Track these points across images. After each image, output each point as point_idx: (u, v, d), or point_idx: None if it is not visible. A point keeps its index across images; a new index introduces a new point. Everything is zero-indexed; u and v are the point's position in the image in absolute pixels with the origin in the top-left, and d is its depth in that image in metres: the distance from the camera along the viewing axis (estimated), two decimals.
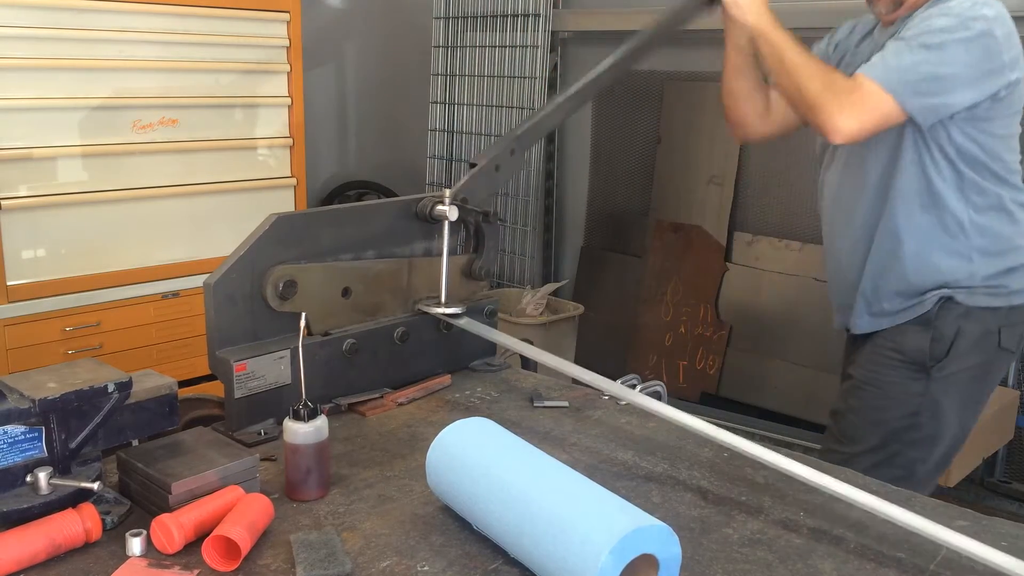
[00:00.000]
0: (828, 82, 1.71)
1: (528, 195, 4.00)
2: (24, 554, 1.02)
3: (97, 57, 2.70)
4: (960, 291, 1.79)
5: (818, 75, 1.72)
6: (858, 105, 1.67)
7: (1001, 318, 1.81)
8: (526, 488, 1.05)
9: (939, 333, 1.80)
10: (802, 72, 1.72)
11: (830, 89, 1.69)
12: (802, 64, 1.73)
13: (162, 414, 1.23)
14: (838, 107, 1.67)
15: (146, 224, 2.90)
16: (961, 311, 1.79)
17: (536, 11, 3.85)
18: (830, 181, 1.96)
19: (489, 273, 1.79)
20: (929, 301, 1.80)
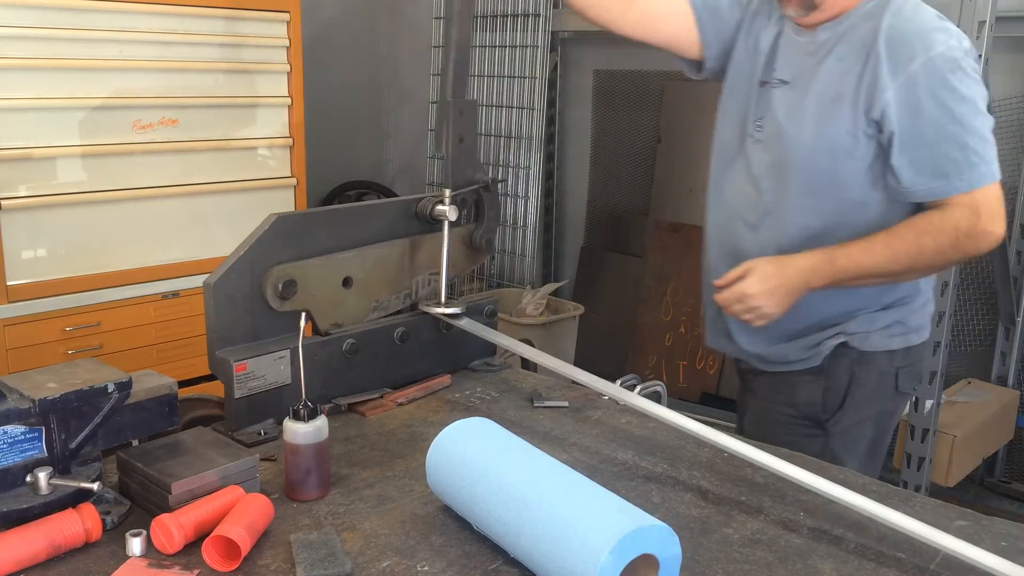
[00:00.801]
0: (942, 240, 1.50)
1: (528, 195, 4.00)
2: (24, 554, 1.02)
3: (97, 57, 2.70)
4: (855, 336, 1.65)
5: (929, 243, 1.50)
6: (986, 222, 1.49)
7: (898, 360, 1.68)
8: (526, 488, 1.05)
9: (832, 382, 1.67)
10: (916, 258, 1.52)
11: (955, 244, 1.49)
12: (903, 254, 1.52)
13: (162, 414, 1.23)
14: (974, 244, 1.50)
15: (146, 224, 2.90)
16: (854, 356, 1.66)
17: (536, 11, 3.85)
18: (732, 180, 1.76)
19: (491, 242, 1.79)
20: (825, 348, 1.66)
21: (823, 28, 1.62)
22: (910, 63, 1.49)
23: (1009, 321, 3.09)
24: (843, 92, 1.55)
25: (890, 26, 1.52)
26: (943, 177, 1.50)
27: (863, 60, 1.54)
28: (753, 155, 1.70)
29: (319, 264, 1.50)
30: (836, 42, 1.59)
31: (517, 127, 3.98)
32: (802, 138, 1.60)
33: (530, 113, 3.92)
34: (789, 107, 1.63)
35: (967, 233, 1.49)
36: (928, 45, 1.49)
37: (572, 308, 3.78)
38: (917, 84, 1.48)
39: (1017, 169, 3.02)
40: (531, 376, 1.73)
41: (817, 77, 1.60)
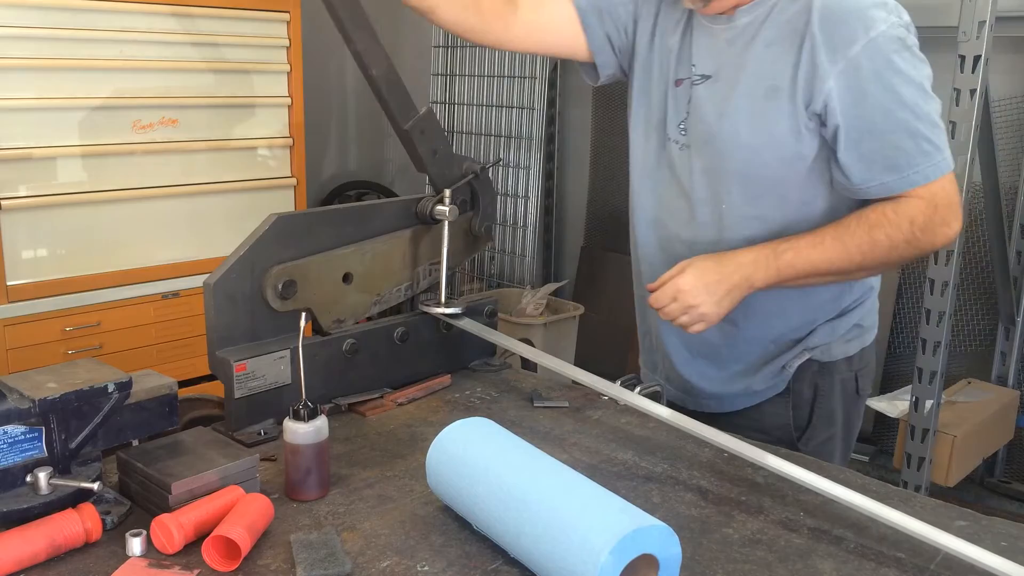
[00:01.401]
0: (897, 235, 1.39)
1: (528, 195, 4.00)
2: (24, 554, 1.02)
3: (97, 57, 2.71)
4: (818, 349, 1.56)
5: (882, 238, 1.39)
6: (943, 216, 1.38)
7: (855, 364, 1.61)
8: (526, 488, 1.05)
9: (797, 399, 1.58)
10: (868, 254, 1.40)
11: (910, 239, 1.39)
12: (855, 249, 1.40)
13: (162, 414, 1.23)
14: (930, 239, 1.39)
15: (146, 224, 2.90)
16: (816, 368, 1.57)
17: None
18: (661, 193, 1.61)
19: (490, 229, 1.78)
20: (790, 369, 1.56)
21: (741, 11, 1.46)
22: (850, 46, 1.35)
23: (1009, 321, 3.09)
24: (778, 84, 1.41)
25: (823, 5, 1.37)
26: (896, 171, 1.37)
27: (797, 46, 1.39)
28: (680, 162, 1.55)
29: (319, 261, 1.50)
30: (760, 26, 1.44)
31: (517, 127, 3.98)
32: (737, 139, 1.46)
33: (530, 113, 3.92)
34: (717, 104, 1.48)
35: (923, 228, 1.38)
36: (868, 24, 1.34)
37: (572, 308, 3.78)
38: (860, 69, 1.35)
39: (1017, 169, 3.02)
40: (531, 376, 1.73)
41: (744, 68, 1.45)
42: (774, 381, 1.58)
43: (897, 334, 3.32)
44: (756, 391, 1.60)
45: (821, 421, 1.60)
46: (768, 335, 1.57)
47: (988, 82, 2.49)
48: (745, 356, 1.59)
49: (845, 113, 1.37)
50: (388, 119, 1.58)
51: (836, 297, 1.56)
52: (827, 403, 1.59)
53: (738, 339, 1.58)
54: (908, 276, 3.27)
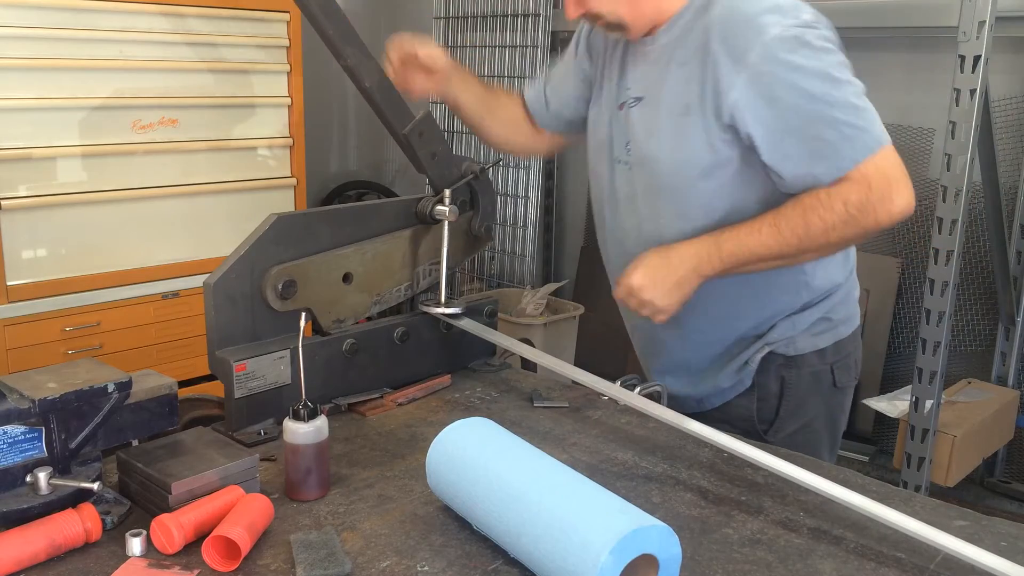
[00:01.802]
0: (831, 217, 1.37)
1: (528, 195, 4.00)
2: (24, 554, 1.02)
3: (97, 57, 2.70)
4: (779, 343, 1.58)
5: (816, 221, 1.38)
6: (881, 193, 1.36)
7: (830, 356, 1.62)
8: (526, 488, 1.05)
9: (763, 391, 1.61)
10: (804, 237, 1.40)
11: (847, 220, 1.37)
12: (790, 233, 1.40)
13: (162, 414, 1.23)
14: (872, 218, 1.37)
15: (146, 224, 2.90)
16: (781, 361, 1.59)
17: (536, 11, 3.85)
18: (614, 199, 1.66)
19: (489, 229, 1.79)
20: (753, 364, 1.59)
21: (660, 31, 1.51)
22: (746, 55, 1.37)
23: (1009, 321, 3.09)
24: (690, 101, 1.45)
25: (720, 18, 1.41)
26: (823, 160, 1.38)
27: (701, 62, 1.43)
28: (623, 183, 1.62)
29: (319, 261, 1.50)
30: (675, 46, 1.48)
31: None
32: (661, 158, 1.51)
33: None
34: (646, 125, 1.54)
35: (859, 207, 1.36)
36: (759, 30, 1.37)
37: (572, 308, 3.78)
38: (762, 75, 1.37)
39: (1017, 169, 3.02)
40: (531, 376, 1.73)
41: (664, 87, 1.49)
42: (739, 376, 1.61)
43: (897, 334, 3.32)
44: (723, 388, 1.63)
45: (789, 413, 1.62)
46: (728, 336, 1.62)
47: (988, 82, 2.49)
48: (708, 357, 1.65)
49: (758, 120, 1.40)
50: (385, 127, 1.59)
51: (794, 293, 1.58)
52: (794, 395, 1.61)
53: (700, 343, 1.64)
54: (908, 276, 3.27)
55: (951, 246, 2.50)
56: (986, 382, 3.13)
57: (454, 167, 1.69)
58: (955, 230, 2.49)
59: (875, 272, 3.21)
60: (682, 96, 1.46)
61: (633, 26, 1.50)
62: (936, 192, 2.55)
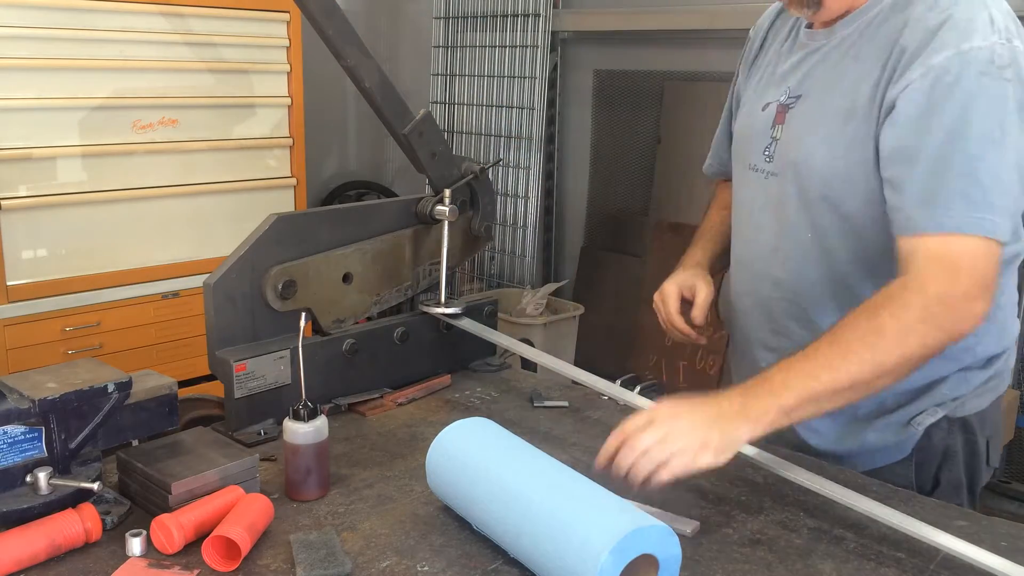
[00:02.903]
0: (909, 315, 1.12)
1: (528, 195, 4.00)
2: (24, 554, 1.02)
3: (97, 57, 2.70)
4: (951, 403, 1.34)
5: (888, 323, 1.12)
6: (968, 288, 1.12)
7: (985, 423, 1.38)
8: (526, 488, 1.05)
9: (924, 456, 1.35)
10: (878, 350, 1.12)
11: (925, 317, 1.12)
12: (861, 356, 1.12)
13: (162, 414, 1.23)
14: (954, 315, 1.13)
15: (146, 224, 2.90)
16: (945, 424, 1.35)
17: (536, 11, 3.85)
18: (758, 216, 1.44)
19: (489, 229, 1.78)
20: (917, 425, 1.33)
21: (841, 23, 1.32)
22: (936, 54, 1.17)
23: None
24: (857, 104, 1.26)
25: (922, 15, 1.22)
26: (929, 206, 1.16)
27: (884, 60, 1.23)
28: (757, 194, 1.43)
29: (319, 261, 1.50)
30: (856, 40, 1.29)
31: (517, 127, 3.98)
32: (811, 164, 1.31)
33: (530, 113, 3.92)
34: (800, 127, 1.35)
35: (940, 299, 1.12)
36: (964, 34, 1.17)
37: (572, 308, 3.78)
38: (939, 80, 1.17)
39: None
40: (531, 376, 1.73)
41: (831, 85, 1.31)
42: (896, 439, 1.35)
43: None
44: (873, 449, 1.36)
45: (950, 487, 1.37)
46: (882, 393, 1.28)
47: None
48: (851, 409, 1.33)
49: (904, 123, 1.19)
50: (385, 127, 1.59)
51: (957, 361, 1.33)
52: (955, 467, 1.37)
53: None
54: None
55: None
56: None
57: (454, 167, 1.69)
58: None
59: None
60: (850, 95, 1.27)
61: (830, 5, 1.29)
62: None
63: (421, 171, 1.65)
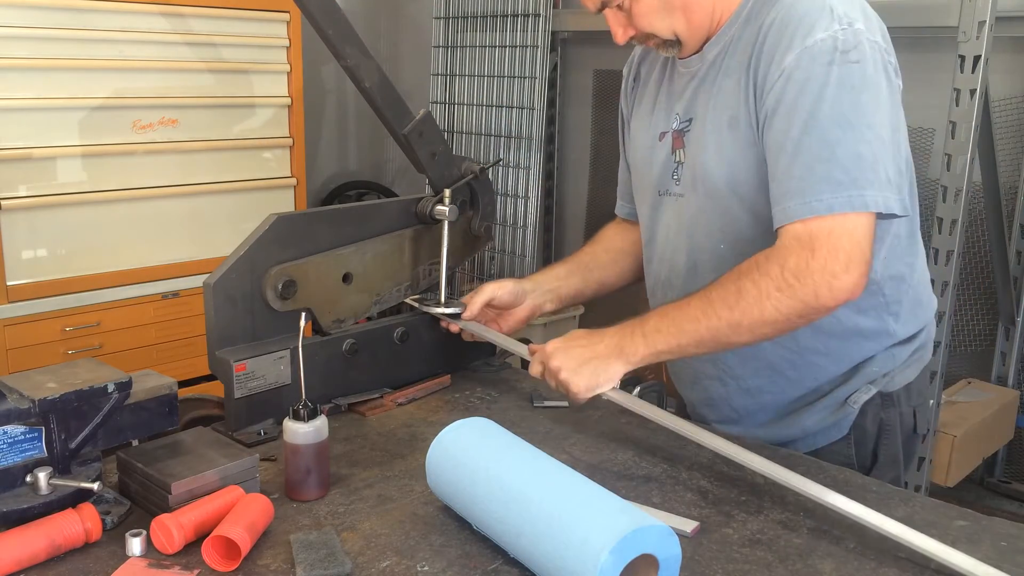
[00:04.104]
0: (767, 282, 1.22)
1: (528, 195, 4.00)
2: (24, 554, 1.02)
3: (97, 57, 2.71)
4: (882, 379, 1.41)
5: (748, 286, 1.23)
6: (826, 262, 1.20)
7: (913, 395, 1.45)
8: (526, 488, 1.05)
9: (859, 433, 1.41)
10: (735, 307, 1.23)
11: (781, 286, 1.21)
12: (719, 302, 1.25)
13: (162, 414, 1.23)
14: (810, 288, 1.20)
15: (146, 224, 2.90)
16: (878, 400, 1.41)
17: (536, 11, 3.85)
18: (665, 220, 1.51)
19: (489, 229, 1.78)
20: (852, 405, 1.40)
21: (708, 46, 1.39)
22: (786, 56, 1.26)
23: (1009, 321, 3.09)
24: (737, 113, 1.33)
25: (772, 20, 1.30)
26: (797, 195, 1.24)
27: (747, 69, 1.32)
28: (670, 216, 1.49)
29: (319, 261, 1.50)
30: (723, 57, 1.38)
31: (517, 127, 3.98)
32: (711, 176, 1.38)
33: (530, 113, 3.92)
34: (696, 146, 1.41)
35: (797, 273, 1.20)
36: (807, 31, 1.25)
37: (572, 308, 3.78)
38: (790, 79, 1.26)
39: (1017, 169, 3.02)
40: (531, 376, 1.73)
41: (711, 103, 1.38)
42: (834, 419, 1.42)
43: None
44: (812, 432, 1.44)
45: (888, 460, 1.44)
46: (811, 381, 1.43)
47: (988, 82, 2.49)
48: (788, 400, 1.45)
49: (770, 122, 1.27)
50: (385, 127, 1.59)
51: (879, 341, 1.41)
52: (892, 439, 1.44)
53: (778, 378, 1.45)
54: None
55: (951, 246, 2.50)
56: (986, 382, 3.13)
57: (454, 167, 1.69)
58: (955, 230, 2.49)
59: None
60: (729, 107, 1.35)
61: (688, 41, 1.38)
62: (936, 192, 2.55)
63: (421, 171, 1.65)
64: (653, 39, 1.40)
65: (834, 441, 1.43)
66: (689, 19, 1.36)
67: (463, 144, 4.18)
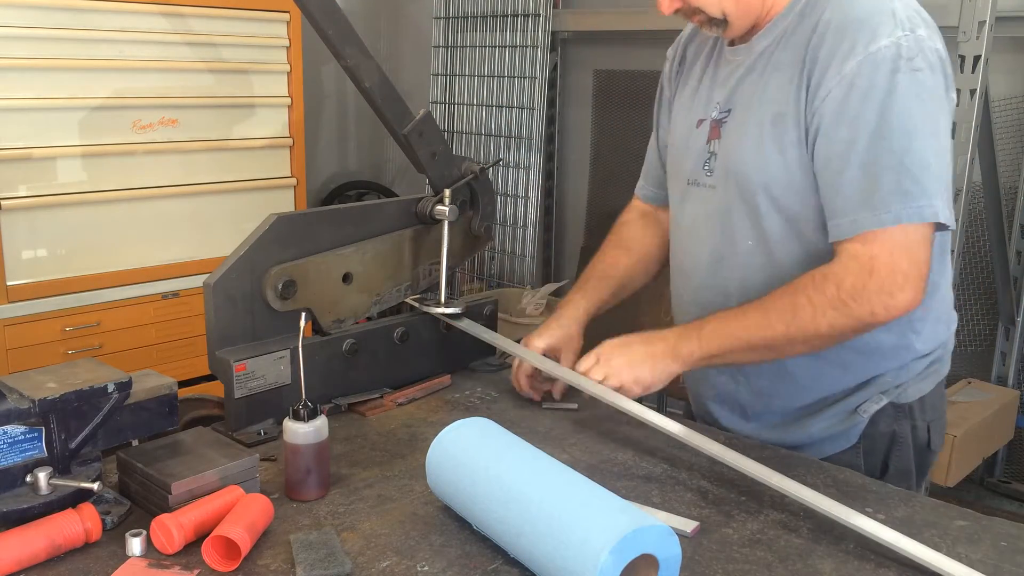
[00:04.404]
0: (823, 300, 1.24)
1: (528, 195, 4.00)
2: (24, 554, 1.02)
3: (97, 57, 2.71)
4: (895, 390, 1.40)
5: (804, 302, 1.25)
6: (883, 283, 1.21)
7: (927, 408, 1.44)
8: (526, 488, 1.05)
9: (871, 443, 1.41)
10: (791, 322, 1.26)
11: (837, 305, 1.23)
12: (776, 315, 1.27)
13: (162, 414, 1.23)
14: (866, 308, 1.22)
15: (146, 224, 2.90)
16: (890, 411, 1.41)
17: (536, 11, 3.85)
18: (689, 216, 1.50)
19: (489, 229, 1.78)
20: (863, 413, 1.40)
21: (758, 37, 1.37)
22: (848, 60, 1.24)
23: (1009, 321, 3.09)
24: (784, 110, 1.31)
25: (829, 18, 1.28)
26: (868, 207, 1.23)
27: (801, 65, 1.29)
28: (697, 206, 1.48)
29: (319, 261, 1.50)
30: (774, 50, 1.35)
31: (517, 127, 3.98)
32: (747, 173, 1.36)
33: (530, 113, 3.92)
34: (734, 138, 1.39)
35: (853, 294, 1.22)
36: (870, 36, 1.23)
37: None
38: (853, 87, 1.24)
39: (1017, 169, 3.02)
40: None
41: (757, 96, 1.36)
42: (842, 427, 1.41)
43: None
44: (818, 440, 1.43)
45: (898, 472, 1.43)
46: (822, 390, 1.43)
47: (988, 82, 2.49)
48: (797, 406, 1.45)
49: (828, 131, 1.26)
50: (385, 127, 1.59)
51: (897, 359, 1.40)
52: (904, 452, 1.43)
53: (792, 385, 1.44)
54: None
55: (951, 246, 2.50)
56: (986, 382, 3.13)
57: (454, 167, 1.69)
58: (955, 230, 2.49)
59: None
60: (776, 103, 1.32)
61: (736, 22, 1.34)
62: None
63: (421, 171, 1.65)
64: (699, 15, 1.36)
65: (843, 450, 1.42)
66: (738, 0, 1.33)
67: (463, 144, 4.18)
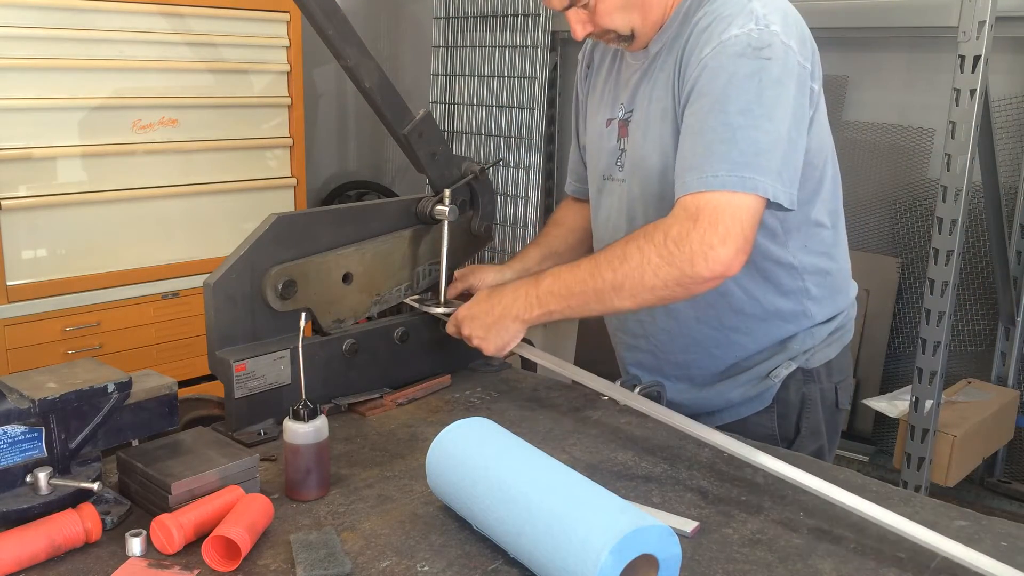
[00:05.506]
0: (650, 248, 1.29)
1: (528, 195, 4.00)
2: (24, 554, 1.02)
3: (97, 57, 2.71)
4: (802, 355, 1.52)
5: (634, 251, 1.31)
6: (705, 234, 1.26)
7: (834, 372, 1.56)
8: (526, 488, 1.05)
9: (784, 407, 1.53)
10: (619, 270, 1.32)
11: (662, 252, 1.28)
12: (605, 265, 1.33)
13: (162, 414, 1.23)
14: (687, 255, 1.27)
15: (146, 224, 2.90)
16: (799, 375, 1.53)
17: (536, 11, 3.85)
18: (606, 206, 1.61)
19: (489, 229, 1.79)
20: (775, 380, 1.51)
21: (652, 41, 1.48)
22: (704, 49, 1.34)
23: (1009, 321, 3.09)
24: (667, 105, 1.43)
25: (698, 19, 1.39)
26: (695, 169, 1.31)
27: (676, 63, 1.41)
28: (613, 200, 1.59)
29: (319, 261, 1.50)
30: (662, 53, 1.46)
31: (517, 127, 3.98)
32: (649, 165, 1.47)
33: (530, 113, 3.92)
34: (637, 135, 1.50)
35: (677, 239, 1.27)
36: (724, 27, 1.33)
37: None
38: (705, 69, 1.34)
39: (1017, 169, 3.02)
40: (531, 376, 1.73)
41: (650, 95, 1.47)
42: (757, 391, 1.53)
43: (897, 334, 3.32)
44: (736, 403, 1.55)
45: (809, 432, 1.55)
46: (733, 355, 1.55)
47: (988, 82, 2.49)
48: (712, 370, 1.57)
49: (686, 112, 1.36)
50: (385, 127, 1.59)
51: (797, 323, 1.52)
52: (813, 413, 1.55)
53: (703, 354, 1.56)
54: (908, 276, 3.27)
55: (951, 246, 2.50)
56: (986, 382, 3.13)
57: (454, 167, 1.69)
58: (955, 230, 2.49)
59: (875, 272, 3.20)
60: (661, 100, 1.44)
61: (642, 36, 1.46)
62: (936, 192, 2.54)
63: (421, 171, 1.66)
64: (610, 35, 1.47)
65: (758, 412, 1.54)
66: (645, 16, 1.44)
67: (463, 144, 4.18)
